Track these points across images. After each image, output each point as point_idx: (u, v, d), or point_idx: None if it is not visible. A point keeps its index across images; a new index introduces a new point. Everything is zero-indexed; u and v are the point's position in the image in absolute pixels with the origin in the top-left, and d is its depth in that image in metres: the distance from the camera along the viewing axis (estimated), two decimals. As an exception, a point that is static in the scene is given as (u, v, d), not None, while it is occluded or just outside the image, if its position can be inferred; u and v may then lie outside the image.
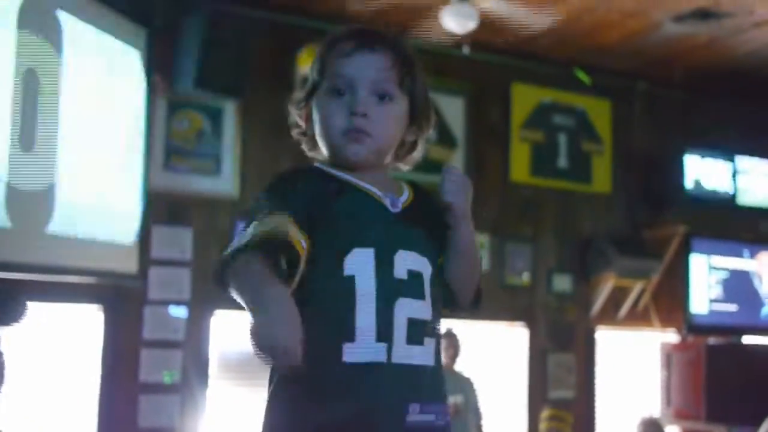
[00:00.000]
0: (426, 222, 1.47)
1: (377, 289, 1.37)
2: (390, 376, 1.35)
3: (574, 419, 5.09)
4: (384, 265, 1.39)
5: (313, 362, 1.31)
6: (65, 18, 3.57)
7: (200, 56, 4.26)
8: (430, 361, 1.40)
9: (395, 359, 1.36)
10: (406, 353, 1.37)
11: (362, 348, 1.35)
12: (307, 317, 1.29)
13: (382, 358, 1.35)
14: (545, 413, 4.92)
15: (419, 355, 1.39)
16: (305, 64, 4.52)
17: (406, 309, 1.39)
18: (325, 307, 1.37)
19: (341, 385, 1.33)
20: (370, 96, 1.44)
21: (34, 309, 3.95)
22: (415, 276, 1.42)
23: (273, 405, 1.39)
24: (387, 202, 1.45)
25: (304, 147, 1.55)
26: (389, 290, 1.38)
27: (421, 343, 1.39)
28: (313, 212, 1.37)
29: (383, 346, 1.36)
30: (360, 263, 1.38)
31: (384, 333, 1.36)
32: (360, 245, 1.39)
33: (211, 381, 4.47)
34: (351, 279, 1.37)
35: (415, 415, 1.36)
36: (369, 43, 1.46)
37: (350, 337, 1.35)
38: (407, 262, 1.42)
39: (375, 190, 1.45)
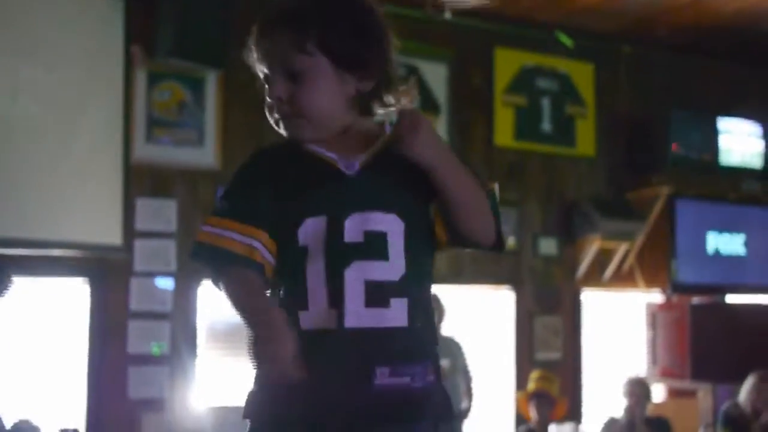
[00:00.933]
0: (398, 172, 1.41)
1: (326, 256, 1.37)
2: (344, 341, 1.35)
3: (562, 381, 5.14)
4: (335, 231, 1.38)
5: None
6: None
7: (179, 25, 4.22)
8: (401, 322, 1.38)
9: (349, 324, 1.35)
10: (365, 317, 1.36)
11: (314, 315, 1.36)
12: (273, 288, 1.40)
13: (332, 324, 1.35)
14: (534, 374, 4.97)
15: (385, 317, 1.37)
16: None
17: (362, 272, 1.37)
18: (284, 278, 1.41)
19: (300, 354, 1.31)
20: (284, 79, 1.43)
21: (20, 283, 3.95)
22: (375, 236, 1.39)
23: (253, 380, 1.42)
24: (341, 165, 1.42)
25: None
26: (339, 256, 1.37)
27: (385, 304, 1.37)
28: (276, 197, 1.41)
29: (334, 312, 1.35)
30: (311, 233, 1.38)
31: (335, 299, 1.36)
32: (311, 215, 1.39)
33: (199, 351, 4.48)
34: (304, 249, 1.38)
35: (384, 378, 1.35)
36: (262, 31, 1.45)
37: (304, 305, 1.37)
38: (364, 223, 1.39)
39: (331, 155, 1.43)
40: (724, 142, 5.93)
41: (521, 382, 5.21)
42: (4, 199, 3.43)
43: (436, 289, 4.97)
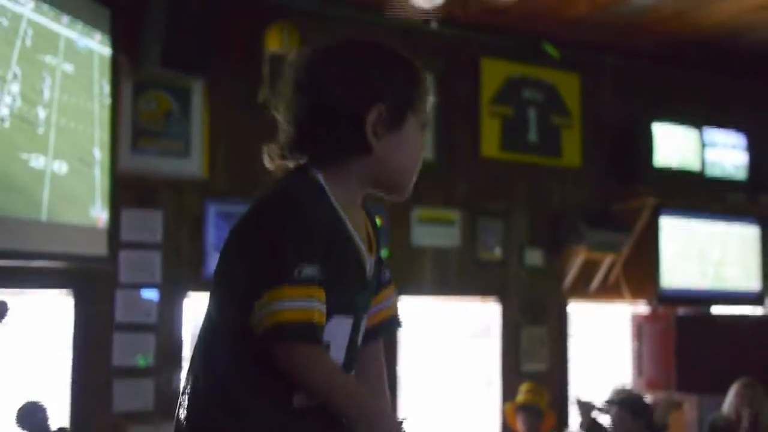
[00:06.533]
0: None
1: (345, 357, 1.38)
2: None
3: (548, 392, 5.13)
4: (355, 334, 1.39)
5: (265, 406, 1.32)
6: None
7: (166, 35, 4.19)
8: None
9: None
10: None
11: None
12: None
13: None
14: (524, 386, 4.95)
15: None
16: (273, 42, 4.47)
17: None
18: None
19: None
20: None
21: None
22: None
23: None
24: (367, 267, 1.41)
25: (276, 152, 1.42)
26: (351, 360, 1.40)
27: None
28: (326, 259, 1.31)
29: None
30: (337, 331, 1.35)
31: None
32: (342, 312, 1.36)
33: (185, 363, 4.45)
34: (326, 346, 1.33)
35: None
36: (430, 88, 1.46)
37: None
38: (363, 328, 1.43)
39: (362, 248, 1.40)
40: (709, 153, 5.96)
41: (507, 393, 5.20)
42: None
43: (425, 302, 4.93)
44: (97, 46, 3.97)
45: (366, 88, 1.34)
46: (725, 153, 6.07)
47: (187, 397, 1.35)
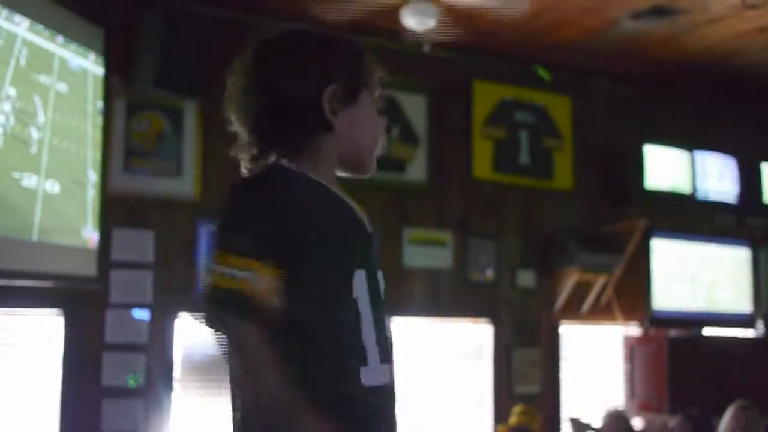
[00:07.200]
0: None
1: (373, 312, 1.39)
2: (392, 395, 1.42)
3: (540, 413, 5.12)
4: (374, 289, 1.41)
5: (333, 388, 1.32)
6: (19, 19, 3.50)
7: (159, 56, 4.21)
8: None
9: (393, 379, 1.42)
10: (394, 372, 1.43)
11: (373, 371, 1.37)
12: (320, 343, 1.33)
13: (386, 379, 1.40)
14: (516, 408, 4.94)
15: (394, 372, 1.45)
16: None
17: (390, 328, 1.45)
18: (340, 332, 1.36)
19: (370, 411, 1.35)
20: None
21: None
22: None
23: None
24: (365, 220, 1.48)
25: (247, 159, 1.52)
26: (382, 311, 1.42)
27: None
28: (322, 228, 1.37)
29: (386, 367, 1.40)
30: (359, 287, 1.38)
31: (386, 355, 1.41)
32: (359, 267, 1.39)
33: (175, 384, 4.42)
34: (354, 302, 1.37)
35: None
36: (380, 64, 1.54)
37: (363, 360, 1.37)
38: (382, 281, 1.46)
39: (354, 205, 1.48)
40: (699, 175, 5.99)
41: (499, 415, 5.19)
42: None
43: (417, 323, 4.92)
44: (91, 66, 3.98)
45: (315, 72, 1.41)
46: (716, 176, 6.10)
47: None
